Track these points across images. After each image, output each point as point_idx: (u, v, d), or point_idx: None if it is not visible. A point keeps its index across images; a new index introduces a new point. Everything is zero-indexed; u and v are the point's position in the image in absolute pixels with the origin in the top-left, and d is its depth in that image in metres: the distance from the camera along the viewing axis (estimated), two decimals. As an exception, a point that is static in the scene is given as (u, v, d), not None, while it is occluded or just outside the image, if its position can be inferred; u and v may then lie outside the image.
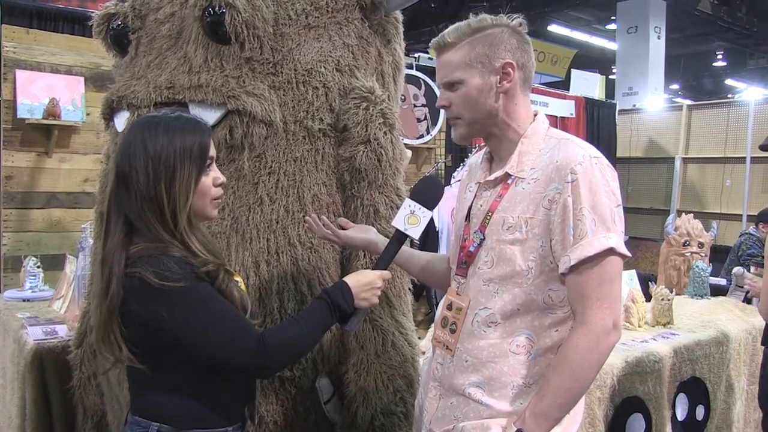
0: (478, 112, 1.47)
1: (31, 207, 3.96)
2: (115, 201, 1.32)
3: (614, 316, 1.37)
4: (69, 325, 2.65)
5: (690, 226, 3.76)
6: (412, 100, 5.58)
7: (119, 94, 1.79)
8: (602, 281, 1.35)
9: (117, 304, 1.26)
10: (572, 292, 1.39)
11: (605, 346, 1.36)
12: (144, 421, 1.33)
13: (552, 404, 1.36)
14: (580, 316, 1.37)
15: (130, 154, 1.29)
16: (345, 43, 1.88)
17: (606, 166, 1.40)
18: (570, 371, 1.36)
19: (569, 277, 1.37)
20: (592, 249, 1.34)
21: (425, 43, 11.67)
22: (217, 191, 1.38)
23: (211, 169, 1.36)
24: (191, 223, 1.32)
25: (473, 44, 1.45)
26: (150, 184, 1.27)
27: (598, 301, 1.35)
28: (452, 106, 1.49)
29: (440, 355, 1.55)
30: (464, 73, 1.45)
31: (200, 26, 1.72)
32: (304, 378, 1.79)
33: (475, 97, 1.45)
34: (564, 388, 1.36)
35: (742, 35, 12.53)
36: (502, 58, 1.44)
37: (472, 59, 1.44)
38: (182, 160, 1.29)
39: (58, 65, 4.02)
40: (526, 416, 1.37)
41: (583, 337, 1.35)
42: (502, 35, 1.45)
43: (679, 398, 2.72)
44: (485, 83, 1.44)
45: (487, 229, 1.47)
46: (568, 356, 1.36)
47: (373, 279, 1.48)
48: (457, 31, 1.46)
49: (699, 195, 8.08)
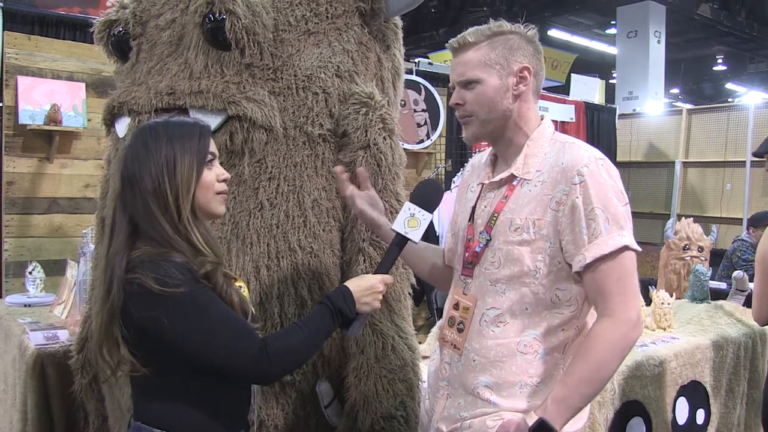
0: (492, 112, 1.50)
1: (32, 212, 3.97)
2: (120, 202, 1.35)
3: (637, 310, 1.39)
4: (70, 330, 2.66)
5: (690, 230, 3.77)
6: (412, 105, 5.59)
7: (120, 100, 1.80)
8: (621, 276, 1.38)
9: (118, 306, 1.26)
10: (591, 289, 1.41)
11: (629, 339, 1.38)
12: (146, 428, 1.33)
13: (575, 393, 1.37)
14: (602, 309, 1.39)
15: (134, 156, 1.33)
16: (344, 48, 1.89)
17: (611, 167, 1.44)
18: (594, 361, 1.37)
19: (586, 276, 1.40)
20: (608, 247, 1.36)
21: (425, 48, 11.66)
22: (222, 186, 1.40)
23: (213, 164, 1.39)
24: (195, 216, 1.34)
25: (493, 45, 1.48)
26: (153, 178, 1.30)
27: (620, 294, 1.37)
28: (466, 104, 1.51)
29: (448, 355, 1.56)
30: (483, 72, 1.48)
31: (201, 33, 1.74)
32: (304, 382, 1.79)
33: (491, 97, 1.48)
34: (587, 378, 1.37)
35: (742, 39, 12.55)
36: (520, 62, 1.48)
37: (492, 60, 1.48)
38: (182, 153, 1.33)
39: (60, 71, 4.04)
40: (547, 404, 1.38)
41: (608, 328, 1.37)
42: (520, 41, 1.50)
43: (679, 402, 2.72)
44: (502, 84, 1.48)
45: (494, 230, 1.49)
46: (593, 346, 1.38)
47: (374, 283, 1.48)
48: (477, 32, 1.50)
49: (699, 199, 8.09)
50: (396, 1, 1.92)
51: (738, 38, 12.50)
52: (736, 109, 8.07)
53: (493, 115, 1.50)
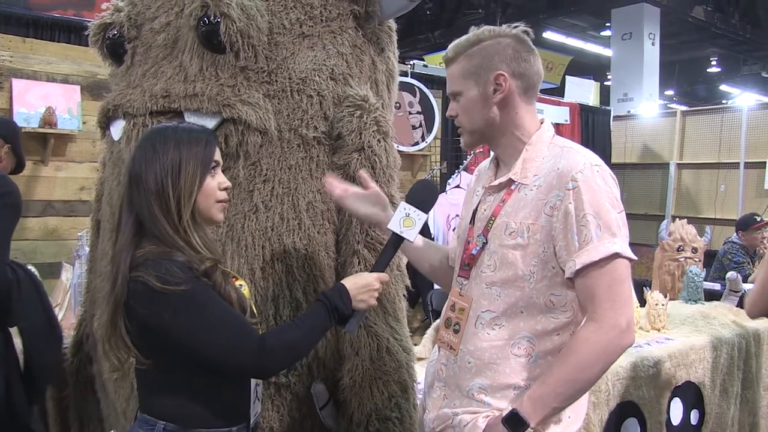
0: (475, 121, 1.53)
1: (27, 215, 3.96)
2: (126, 201, 1.40)
3: (627, 317, 1.39)
4: (65, 333, 2.65)
5: (684, 231, 3.79)
6: (407, 107, 5.59)
7: (115, 103, 1.80)
8: (612, 283, 1.38)
9: (121, 300, 1.31)
10: (582, 295, 1.41)
11: (616, 345, 1.38)
12: (151, 419, 1.38)
13: (551, 392, 1.38)
14: (590, 314, 1.39)
15: (141, 156, 1.38)
16: (339, 51, 1.89)
17: (608, 174, 1.44)
18: (574, 362, 1.38)
19: (577, 282, 1.40)
20: (598, 254, 1.36)
21: (421, 50, 11.68)
22: (222, 194, 1.44)
23: (216, 172, 1.43)
24: (195, 221, 1.39)
25: (470, 57, 1.51)
26: (158, 180, 1.35)
27: (609, 301, 1.37)
28: (458, 116, 1.56)
29: (444, 356, 1.58)
30: (462, 85, 1.53)
31: (195, 36, 1.74)
32: (299, 384, 1.80)
33: (472, 108, 1.52)
34: (565, 378, 1.38)
35: (736, 41, 12.60)
36: (495, 70, 1.48)
37: (468, 71, 1.51)
38: (188, 159, 1.37)
39: (55, 74, 4.03)
40: (523, 399, 1.40)
41: (592, 332, 1.38)
42: (497, 47, 1.49)
43: (673, 403, 2.74)
44: (480, 94, 1.50)
45: (490, 233, 1.50)
46: (574, 348, 1.39)
47: (370, 281, 1.52)
48: (457, 46, 1.53)
49: (694, 200, 8.11)
50: (390, 5, 1.93)
51: (732, 40, 12.54)
52: (730, 110, 8.09)
53: (477, 124, 1.53)
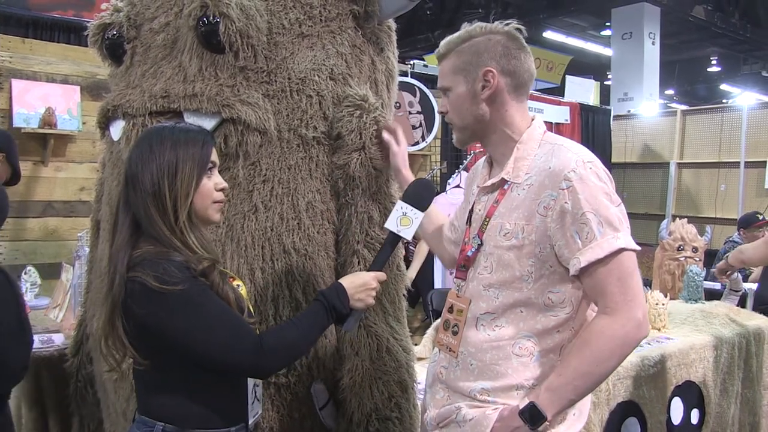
0: (465, 118, 1.53)
1: (27, 216, 3.97)
2: (123, 201, 1.39)
3: (642, 309, 1.37)
4: (65, 333, 2.65)
5: (684, 230, 3.78)
6: (407, 107, 5.59)
7: (114, 103, 1.80)
8: (622, 276, 1.36)
9: (119, 300, 1.31)
10: (591, 292, 1.40)
11: (632, 338, 1.36)
12: (150, 421, 1.38)
13: (569, 384, 1.37)
14: (603, 307, 1.37)
15: (138, 157, 1.38)
16: (338, 51, 1.89)
17: (601, 169, 1.42)
18: (591, 355, 1.36)
19: (584, 280, 1.39)
20: (603, 251, 1.35)
21: (421, 50, 11.68)
22: (219, 195, 1.44)
23: (213, 173, 1.43)
24: (191, 221, 1.38)
25: (460, 53, 1.51)
26: (154, 180, 1.35)
27: (622, 294, 1.35)
28: (448, 112, 1.56)
29: (445, 359, 1.56)
30: (451, 81, 1.53)
31: (195, 36, 1.74)
32: (299, 384, 1.80)
33: (461, 104, 1.52)
34: (582, 371, 1.36)
35: (736, 41, 12.59)
36: (484, 66, 1.48)
37: (458, 67, 1.51)
38: (185, 160, 1.37)
39: (54, 74, 4.03)
40: (541, 391, 1.39)
41: (608, 324, 1.35)
42: (487, 43, 1.49)
43: (674, 402, 2.73)
44: (469, 90, 1.50)
45: (485, 234, 1.49)
46: (590, 340, 1.37)
47: (368, 280, 1.53)
48: (448, 42, 1.53)
49: (694, 200, 8.12)
50: (389, 4, 1.92)
51: (732, 40, 12.54)
52: (730, 110, 8.10)
53: (466, 121, 1.53)
